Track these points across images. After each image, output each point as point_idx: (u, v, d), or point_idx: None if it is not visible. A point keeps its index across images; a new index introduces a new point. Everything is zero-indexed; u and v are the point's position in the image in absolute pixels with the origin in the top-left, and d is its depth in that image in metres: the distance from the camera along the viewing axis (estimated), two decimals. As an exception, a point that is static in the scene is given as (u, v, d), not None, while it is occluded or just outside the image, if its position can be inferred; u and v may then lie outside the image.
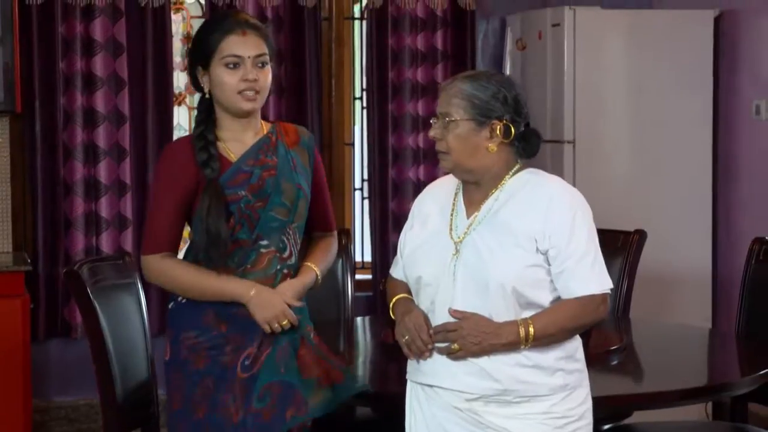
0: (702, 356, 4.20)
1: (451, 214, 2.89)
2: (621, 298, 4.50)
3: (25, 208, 5.49)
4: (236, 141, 3.12)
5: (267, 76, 3.09)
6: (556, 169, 5.59)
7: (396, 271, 3.03)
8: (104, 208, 5.48)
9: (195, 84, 3.14)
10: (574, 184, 5.33)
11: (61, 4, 5.38)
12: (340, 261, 4.59)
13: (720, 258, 5.83)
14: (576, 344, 2.87)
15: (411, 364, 2.92)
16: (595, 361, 3.44)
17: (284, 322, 3.03)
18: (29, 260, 5.17)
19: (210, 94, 3.10)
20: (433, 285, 2.84)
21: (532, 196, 2.81)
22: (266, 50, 3.09)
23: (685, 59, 5.70)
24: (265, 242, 3.08)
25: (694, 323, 5.15)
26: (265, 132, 3.16)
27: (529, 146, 2.87)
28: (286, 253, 3.11)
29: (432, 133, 2.86)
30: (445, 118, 2.83)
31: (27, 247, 5.47)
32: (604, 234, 4.36)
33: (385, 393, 3.42)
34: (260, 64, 3.07)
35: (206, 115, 3.13)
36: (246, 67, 3.04)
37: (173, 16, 5.71)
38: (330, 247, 3.26)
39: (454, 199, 2.91)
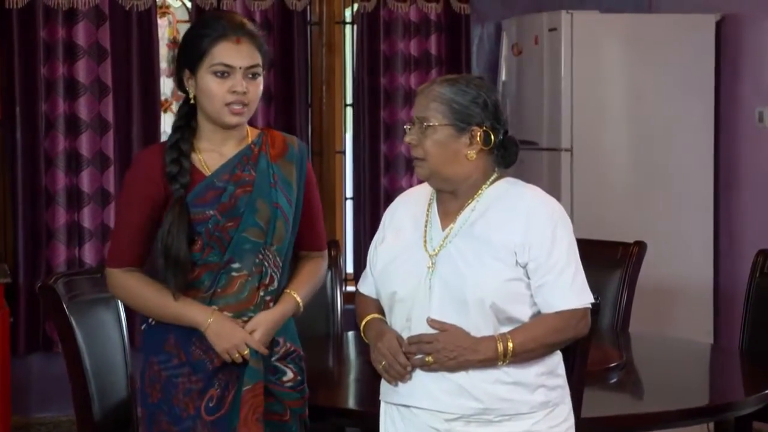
0: (704, 374, 4.14)
1: (425, 226, 2.82)
2: (620, 312, 4.44)
3: (5, 218, 5.43)
4: (215, 152, 2.95)
5: (257, 88, 2.92)
6: (554, 178, 5.57)
7: (365, 287, 2.94)
8: (87, 219, 5.42)
9: (180, 87, 2.98)
10: (571, 194, 5.62)
11: (43, 7, 5.31)
12: (330, 273, 4.48)
13: (722, 270, 5.78)
14: (557, 359, 2.81)
15: (385, 384, 2.83)
16: (593, 378, 3.39)
17: (245, 351, 2.88)
18: (9, 272, 5.10)
19: (195, 100, 2.93)
20: (407, 300, 2.76)
21: (511, 207, 2.75)
22: (259, 60, 2.91)
23: (686, 65, 5.67)
24: (236, 265, 2.91)
25: (696, 337, 5.10)
26: (249, 141, 2.98)
27: (507, 155, 2.82)
28: (267, 279, 2.94)
29: (407, 138, 2.79)
30: (423, 123, 2.75)
31: (7, 258, 5.41)
32: (602, 245, 4.50)
33: (376, 413, 3.31)
34: (251, 75, 2.90)
35: (185, 121, 2.95)
36: (236, 78, 2.87)
37: (159, 21, 5.64)
38: (317, 269, 3.08)
39: (428, 210, 2.84)
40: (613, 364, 3.73)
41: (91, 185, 5.41)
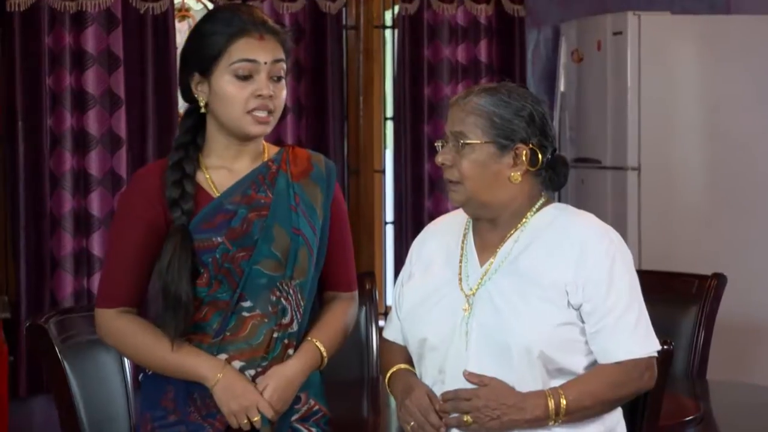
0: (794, 429, 4.06)
1: (461, 261, 2.72)
2: (696, 356, 4.33)
3: (6, 244, 5.36)
4: (225, 169, 2.79)
5: (283, 93, 2.76)
6: (619, 201, 5.54)
7: (390, 332, 2.85)
8: (96, 245, 5.33)
9: (186, 94, 2.80)
10: (639, 219, 5.57)
11: (48, 11, 5.26)
12: (364, 309, 4.41)
13: (813, 306, 5.75)
14: (617, 417, 2.72)
15: None
16: (666, 434, 3.31)
17: (255, 418, 2.71)
18: (9, 305, 5.06)
19: (205, 108, 2.76)
20: (440, 349, 2.67)
21: (561, 237, 2.65)
22: (284, 57, 2.76)
23: (770, 72, 5.67)
24: (247, 303, 2.74)
25: (784, 384, 5.00)
26: (265, 158, 2.82)
27: (556, 177, 2.72)
28: (286, 319, 2.75)
29: (440, 158, 2.68)
30: (459, 139, 2.65)
31: (8, 290, 5.35)
32: (675, 278, 4.39)
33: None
34: (276, 77, 2.74)
35: (192, 136, 2.79)
36: (261, 79, 2.70)
37: (177, 25, 5.61)
38: (345, 313, 2.90)
39: (463, 242, 2.75)
40: (689, 417, 3.62)
41: (101, 208, 5.33)
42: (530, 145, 2.64)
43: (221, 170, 2.78)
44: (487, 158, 2.62)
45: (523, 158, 2.64)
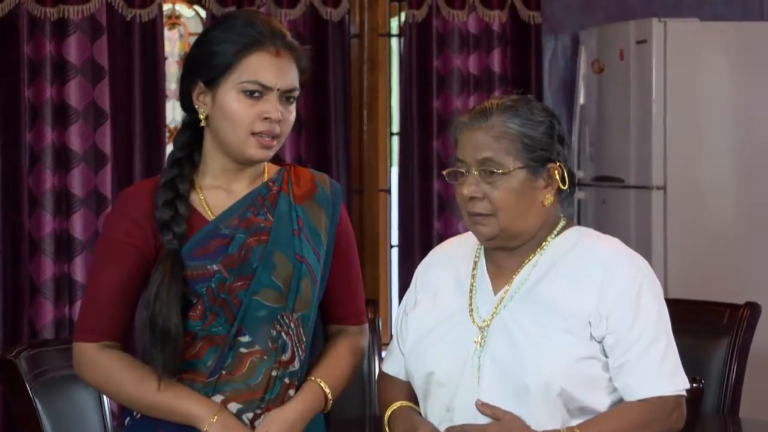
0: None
1: (471, 288, 2.68)
2: (728, 392, 4.20)
3: (-19, 270, 5.38)
4: (221, 190, 2.72)
5: (292, 115, 2.69)
6: (642, 223, 5.51)
7: (391, 366, 2.79)
8: (79, 271, 5.32)
9: (186, 103, 2.73)
10: (664, 242, 5.55)
11: (27, 18, 5.26)
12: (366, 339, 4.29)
13: None
14: None
15: None
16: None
17: None
18: None
19: (205, 121, 2.68)
20: (449, 385, 2.62)
21: (583, 264, 2.62)
22: (298, 83, 2.68)
23: (807, 84, 5.67)
24: (245, 338, 2.66)
25: (824, 422, 4.93)
26: (265, 179, 2.75)
27: (572, 192, 2.72)
28: (286, 356, 2.68)
29: (468, 191, 2.62)
30: (488, 168, 2.59)
31: None
32: (704, 307, 4.30)
33: None
34: (287, 98, 2.66)
35: (189, 151, 2.72)
36: (271, 101, 2.62)
37: (167, 33, 5.66)
38: (352, 349, 2.81)
39: (474, 268, 2.71)
40: (720, 460, 3.57)
41: (84, 231, 5.31)
42: (559, 164, 2.63)
43: (217, 191, 2.72)
44: (521, 184, 2.59)
45: (556, 177, 2.62)
